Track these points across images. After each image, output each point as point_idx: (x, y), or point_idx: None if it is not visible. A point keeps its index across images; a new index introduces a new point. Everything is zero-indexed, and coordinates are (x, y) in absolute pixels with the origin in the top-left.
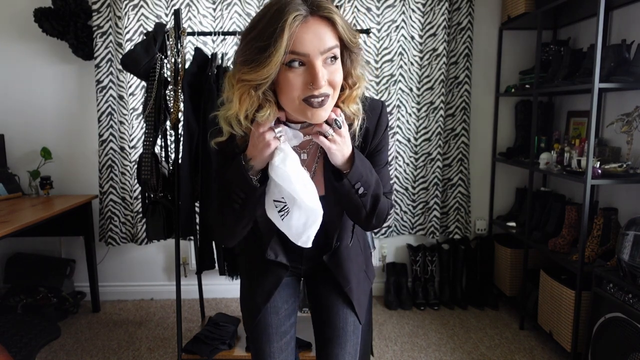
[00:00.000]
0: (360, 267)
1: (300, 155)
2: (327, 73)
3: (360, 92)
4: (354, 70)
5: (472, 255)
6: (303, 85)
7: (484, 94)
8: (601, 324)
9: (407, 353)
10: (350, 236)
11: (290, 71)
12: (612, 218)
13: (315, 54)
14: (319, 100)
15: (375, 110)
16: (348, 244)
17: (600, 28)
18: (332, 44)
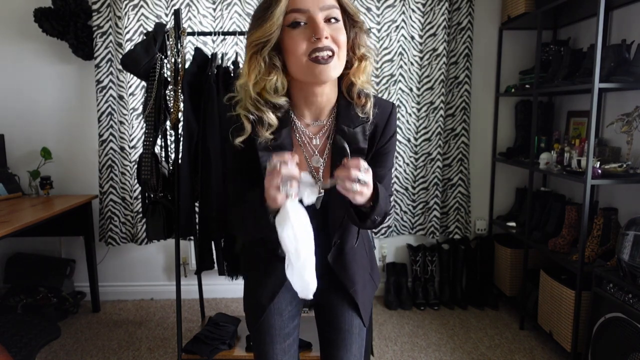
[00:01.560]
0: (366, 269)
1: (312, 140)
2: (330, 30)
3: (370, 66)
4: (360, 41)
5: (472, 255)
6: (307, 40)
7: (484, 94)
8: (601, 324)
9: (407, 353)
10: (355, 237)
11: (293, 31)
12: (612, 218)
13: (315, 10)
14: (324, 55)
15: (385, 109)
16: (354, 244)
17: (600, 28)
18: (331, 3)
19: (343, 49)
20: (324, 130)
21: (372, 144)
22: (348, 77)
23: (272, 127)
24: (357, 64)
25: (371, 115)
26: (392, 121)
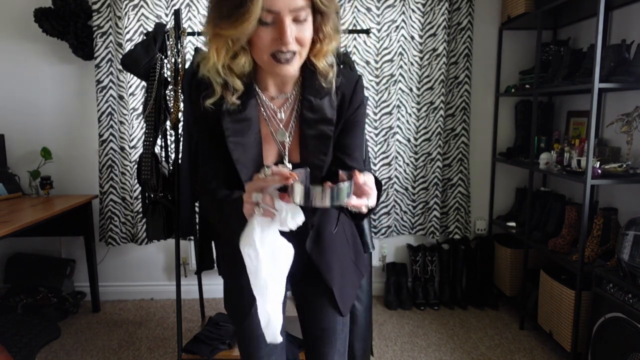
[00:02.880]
0: (347, 256)
1: (277, 114)
2: (296, 30)
3: (331, 47)
4: (325, 26)
5: (472, 255)
6: (272, 41)
7: (484, 94)
8: (601, 324)
9: (407, 353)
10: (334, 224)
11: (260, 27)
12: (612, 218)
13: (285, 12)
14: (286, 57)
15: (351, 80)
16: (332, 230)
17: (600, 28)
18: (302, 4)
19: (306, 46)
20: (288, 103)
21: (341, 115)
22: (310, 56)
23: (237, 91)
24: (319, 45)
25: (334, 84)
26: (358, 91)
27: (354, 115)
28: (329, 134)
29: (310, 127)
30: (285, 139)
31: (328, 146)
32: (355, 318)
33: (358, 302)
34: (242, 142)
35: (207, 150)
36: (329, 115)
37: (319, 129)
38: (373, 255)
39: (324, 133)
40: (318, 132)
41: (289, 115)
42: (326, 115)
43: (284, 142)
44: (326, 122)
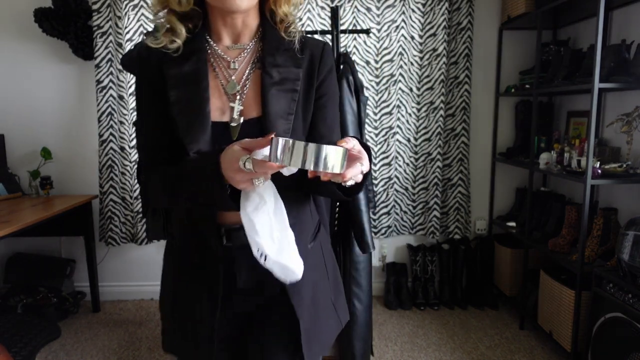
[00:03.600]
0: (325, 295)
1: (230, 64)
2: None
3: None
4: None
5: (472, 255)
6: None
7: (484, 94)
8: (601, 323)
9: (407, 353)
10: (310, 238)
11: None
12: (611, 218)
13: None
14: None
15: (318, 42)
16: (307, 244)
17: (600, 28)
18: None
19: None
20: (245, 54)
21: (311, 76)
22: (269, 3)
23: (179, 34)
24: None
25: (297, 38)
26: (327, 54)
27: (325, 85)
28: (296, 88)
29: (272, 80)
30: (237, 91)
31: (293, 105)
32: (355, 318)
33: (358, 302)
34: (186, 95)
35: (152, 120)
36: (294, 69)
37: (283, 83)
38: (373, 255)
39: (289, 88)
40: (282, 86)
41: (244, 66)
42: (291, 69)
43: (235, 95)
44: (291, 77)
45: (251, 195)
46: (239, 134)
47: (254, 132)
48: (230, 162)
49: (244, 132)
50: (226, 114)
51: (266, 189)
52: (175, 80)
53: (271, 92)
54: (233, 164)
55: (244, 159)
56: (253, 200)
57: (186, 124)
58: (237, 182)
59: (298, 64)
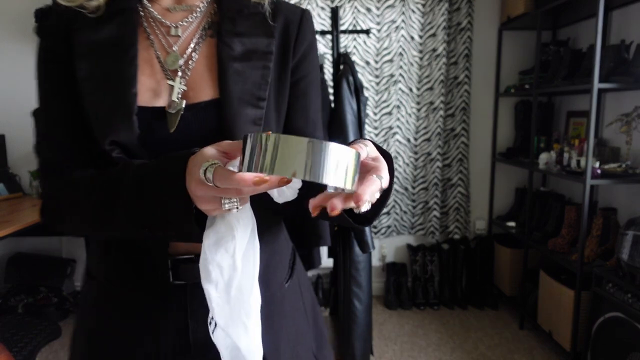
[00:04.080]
0: (305, 343)
1: (170, 30)
2: None
3: None
4: None
5: (471, 255)
6: None
7: (483, 94)
8: (600, 323)
9: (407, 353)
10: (286, 273)
11: None
12: (611, 218)
13: None
14: None
15: (296, 9)
16: (283, 283)
17: (600, 28)
18: None
19: None
20: (192, 18)
21: (287, 48)
22: None
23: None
24: None
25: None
26: (307, 23)
27: (305, 64)
28: (267, 64)
29: (233, 52)
30: (178, 66)
31: (265, 87)
32: (355, 318)
33: (358, 302)
34: (102, 69)
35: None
36: (263, 39)
37: (248, 57)
38: (373, 255)
39: (258, 65)
40: (247, 62)
41: (191, 33)
42: (259, 39)
43: (176, 71)
44: (260, 49)
45: (217, 223)
46: (179, 123)
47: (205, 122)
48: (193, 171)
49: (187, 122)
50: (162, 97)
51: (240, 220)
52: (86, 48)
53: (233, 67)
54: (194, 173)
55: (206, 165)
56: (217, 229)
57: (100, 109)
58: (198, 200)
59: (269, 33)
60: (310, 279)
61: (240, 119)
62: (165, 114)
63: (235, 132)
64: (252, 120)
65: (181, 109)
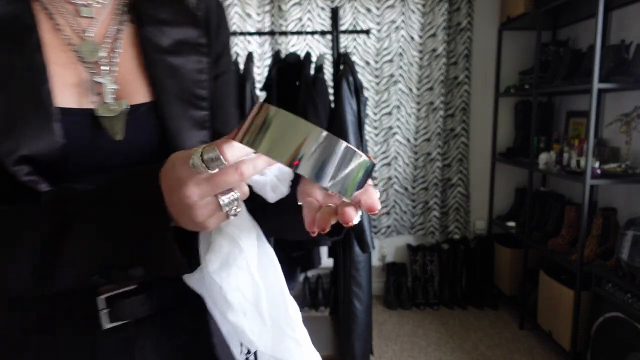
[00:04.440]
0: None
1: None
2: None
3: None
4: None
5: (471, 255)
6: None
7: (483, 95)
8: (600, 323)
9: (407, 352)
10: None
11: None
12: (611, 218)
13: None
14: None
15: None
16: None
17: (600, 28)
18: None
19: None
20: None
21: (209, 38)
22: None
23: None
24: None
25: None
26: (223, 12)
27: (225, 59)
28: (202, 59)
29: (160, 43)
30: (98, 57)
31: (203, 83)
32: (355, 317)
33: (358, 302)
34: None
35: None
36: (192, 30)
37: (179, 50)
38: (373, 255)
39: (193, 59)
40: (179, 56)
41: (107, 15)
42: (188, 29)
43: (98, 64)
44: (191, 41)
45: (215, 241)
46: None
47: (147, 128)
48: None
49: (129, 129)
50: (86, 96)
51: (241, 227)
52: None
53: (165, 61)
54: (180, 173)
55: (198, 151)
56: (217, 249)
57: (4, 115)
58: (192, 211)
59: (196, 22)
60: (311, 279)
61: (183, 123)
62: (96, 118)
63: (180, 139)
64: (197, 123)
65: (123, 111)
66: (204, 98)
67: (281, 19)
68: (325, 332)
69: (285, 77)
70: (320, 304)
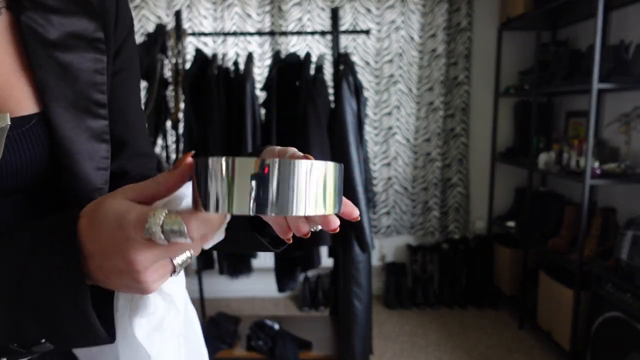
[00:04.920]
0: None
1: None
2: None
3: None
4: None
5: (471, 255)
6: None
7: (483, 95)
8: (600, 323)
9: (407, 352)
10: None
11: None
12: (610, 218)
13: None
14: None
15: None
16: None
17: (599, 29)
18: None
19: None
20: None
21: (108, 44)
22: None
23: None
24: None
25: None
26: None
27: (125, 53)
28: (100, 57)
29: (47, 35)
30: None
31: (101, 86)
32: (355, 317)
33: (358, 302)
34: None
35: None
36: (86, 22)
37: (70, 44)
38: (373, 255)
39: (88, 57)
40: (71, 52)
41: None
42: (82, 21)
43: None
44: (86, 35)
45: (149, 300)
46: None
47: (35, 145)
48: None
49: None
50: None
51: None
52: None
53: (53, 58)
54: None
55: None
56: (153, 309)
57: None
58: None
59: (91, 12)
60: (311, 279)
61: (79, 136)
62: None
63: (75, 156)
64: (95, 135)
65: (6, 126)
66: (102, 104)
67: (281, 19)
68: (325, 332)
69: (285, 77)
70: (320, 304)
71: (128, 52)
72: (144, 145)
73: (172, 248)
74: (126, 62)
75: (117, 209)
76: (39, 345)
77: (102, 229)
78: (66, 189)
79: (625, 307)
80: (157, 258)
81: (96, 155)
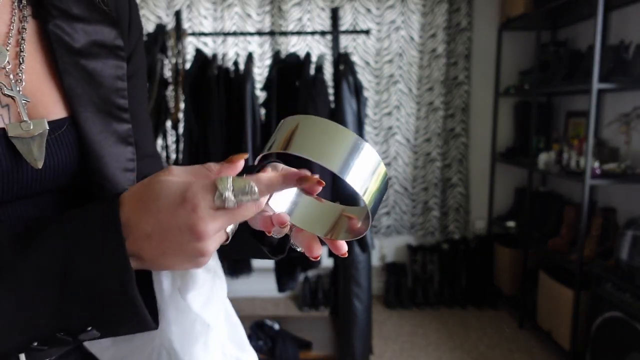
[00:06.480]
0: None
1: None
2: None
3: None
4: None
5: (471, 255)
6: None
7: (483, 95)
8: (600, 323)
9: (407, 352)
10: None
11: None
12: (610, 218)
13: None
14: None
15: None
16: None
17: (599, 29)
18: None
19: None
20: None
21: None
22: None
23: None
24: None
25: None
26: (135, 6)
27: (137, 57)
28: (121, 64)
29: (74, 43)
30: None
31: (123, 92)
32: (355, 317)
33: (358, 302)
34: None
35: None
36: (106, 29)
37: (94, 52)
38: (373, 255)
39: (111, 64)
40: (95, 59)
41: (5, 9)
42: (103, 28)
43: (6, 72)
44: (107, 43)
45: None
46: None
47: (69, 150)
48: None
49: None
50: None
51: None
52: None
53: (80, 65)
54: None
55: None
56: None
57: None
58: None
59: (110, 20)
60: (311, 279)
61: (107, 140)
62: (7, 141)
63: (103, 159)
64: (122, 139)
65: (45, 132)
66: (125, 109)
67: (281, 19)
68: (325, 332)
69: (286, 77)
70: (320, 304)
71: (138, 57)
72: (151, 146)
73: (236, 213)
74: (137, 67)
75: (173, 185)
76: (85, 333)
77: (159, 206)
78: (94, 191)
79: (625, 307)
80: (221, 226)
81: (122, 158)
